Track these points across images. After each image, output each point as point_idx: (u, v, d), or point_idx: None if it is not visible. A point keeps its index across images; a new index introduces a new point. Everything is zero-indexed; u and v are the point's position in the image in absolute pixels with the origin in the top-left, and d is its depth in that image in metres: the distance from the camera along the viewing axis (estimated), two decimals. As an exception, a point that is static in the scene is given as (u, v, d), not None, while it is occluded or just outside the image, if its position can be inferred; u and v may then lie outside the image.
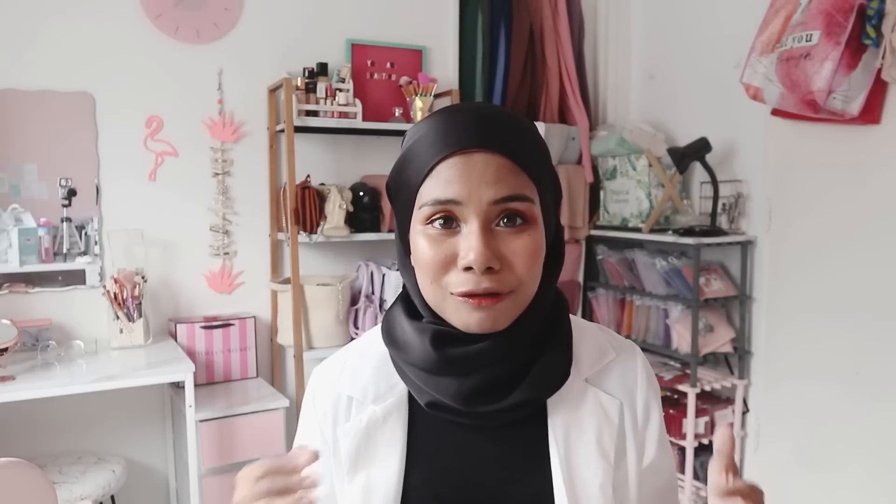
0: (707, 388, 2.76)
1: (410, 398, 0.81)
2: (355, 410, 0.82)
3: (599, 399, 0.81)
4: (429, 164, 0.73)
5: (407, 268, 0.80)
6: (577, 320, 0.86)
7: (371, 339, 0.87)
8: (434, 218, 0.73)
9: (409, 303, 0.82)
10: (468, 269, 0.71)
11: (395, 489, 0.78)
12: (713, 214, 2.78)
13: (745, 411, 2.82)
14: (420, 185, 0.74)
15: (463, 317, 0.73)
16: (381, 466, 0.79)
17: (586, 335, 0.85)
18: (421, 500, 0.78)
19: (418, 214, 0.74)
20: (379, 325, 0.87)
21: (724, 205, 2.84)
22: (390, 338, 0.81)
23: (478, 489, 0.78)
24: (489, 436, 0.79)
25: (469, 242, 0.71)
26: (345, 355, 0.87)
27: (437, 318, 0.78)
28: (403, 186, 0.77)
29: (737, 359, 2.82)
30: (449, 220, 0.73)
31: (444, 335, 0.76)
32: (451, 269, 0.73)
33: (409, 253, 0.79)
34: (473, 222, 0.72)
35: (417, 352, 0.77)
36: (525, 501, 0.78)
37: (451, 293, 0.73)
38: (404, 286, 0.83)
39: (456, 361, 0.75)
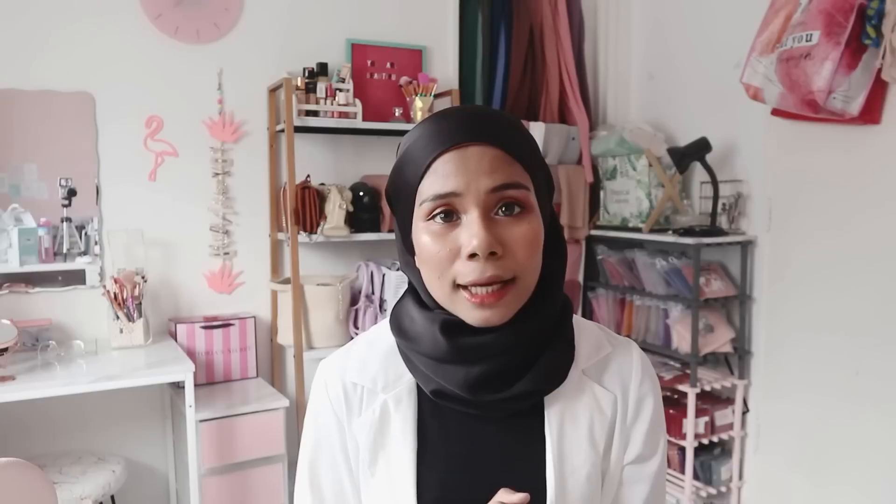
0: (707, 388, 2.76)
1: (418, 387, 0.84)
2: (367, 400, 0.84)
3: (594, 391, 0.84)
4: (426, 161, 0.76)
5: (411, 267, 0.83)
6: (576, 318, 0.88)
7: (377, 332, 0.89)
8: (435, 213, 0.76)
9: (419, 295, 0.84)
10: (472, 256, 0.73)
11: (411, 476, 0.80)
12: (713, 214, 2.78)
13: (745, 411, 2.82)
14: (419, 184, 0.77)
15: (468, 313, 0.76)
16: (396, 454, 0.82)
17: (585, 331, 0.88)
18: (429, 486, 0.81)
19: (419, 212, 0.77)
20: (383, 321, 0.90)
21: (724, 205, 2.84)
22: (399, 329, 0.84)
23: (479, 476, 0.81)
24: (491, 424, 0.82)
25: (471, 230, 0.74)
26: (352, 348, 0.89)
27: (445, 309, 0.80)
28: (402, 189, 0.79)
29: (737, 359, 2.82)
30: (449, 213, 0.76)
31: (453, 325, 0.78)
32: (456, 260, 0.75)
33: (412, 254, 0.82)
34: (473, 211, 0.74)
35: (427, 341, 0.79)
36: (521, 488, 0.80)
37: (459, 285, 0.75)
38: (410, 282, 0.86)
39: (465, 350, 0.77)
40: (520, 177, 0.76)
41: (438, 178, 0.75)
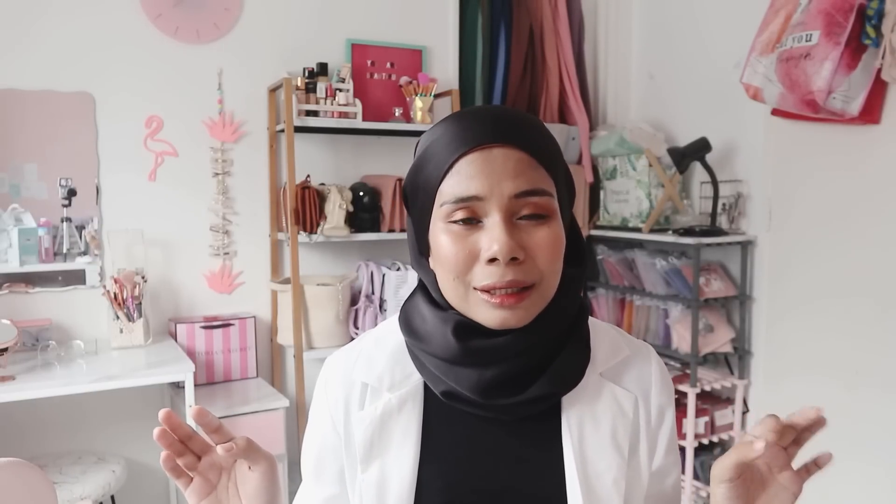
0: (707, 388, 2.76)
1: (425, 388, 0.81)
2: (370, 398, 0.82)
3: (615, 393, 0.82)
4: (448, 161, 0.74)
5: (424, 268, 0.80)
6: (592, 320, 0.86)
7: (386, 329, 0.87)
8: (456, 215, 0.73)
9: (430, 292, 0.82)
10: (492, 261, 0.72)
11: (410, 480, 0.78)
12: (713, 214, 2.78)
13: (745, 411, 2.82)
14: (440, 184, 0.74)
15: (486, 314, 0.74)
16: (395, 456, 0.79)
17: (601, 333, 0.86)
18: (433, 491, 0.78)
19: (439, 212, 0.75)
20: (392, 318, 0.87)
21: (724, 205, 2.84)
22: (409, 327, 0.81)
23: (490, 481, 0.78)
24: (503, 428, 0.79)
25: (492, 234, 0.72)
26: (359, 344, 0.87)
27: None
28: (421, 187, 0.77)
29: (737, 359, 2.82)
30: (471, 217, 0.73)
31: (466, 326, 0.76)
32: (475, 264, 0.73)
33: (427, 254, 0.79)
34: (496, 215, 0.72)
35: (438, 341, 0.77)
36: (538, 494, 0.78)
37: (475, 288, 0.73)
38: (421, 279, 0.83)
39: (478, 353, 0.75)
40: (543, 182, 0.74)
41: (461, 180, 0.73)
